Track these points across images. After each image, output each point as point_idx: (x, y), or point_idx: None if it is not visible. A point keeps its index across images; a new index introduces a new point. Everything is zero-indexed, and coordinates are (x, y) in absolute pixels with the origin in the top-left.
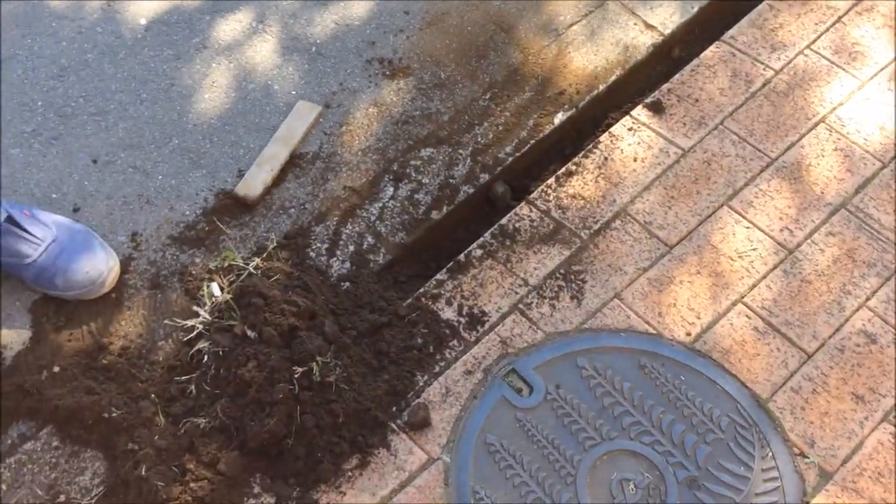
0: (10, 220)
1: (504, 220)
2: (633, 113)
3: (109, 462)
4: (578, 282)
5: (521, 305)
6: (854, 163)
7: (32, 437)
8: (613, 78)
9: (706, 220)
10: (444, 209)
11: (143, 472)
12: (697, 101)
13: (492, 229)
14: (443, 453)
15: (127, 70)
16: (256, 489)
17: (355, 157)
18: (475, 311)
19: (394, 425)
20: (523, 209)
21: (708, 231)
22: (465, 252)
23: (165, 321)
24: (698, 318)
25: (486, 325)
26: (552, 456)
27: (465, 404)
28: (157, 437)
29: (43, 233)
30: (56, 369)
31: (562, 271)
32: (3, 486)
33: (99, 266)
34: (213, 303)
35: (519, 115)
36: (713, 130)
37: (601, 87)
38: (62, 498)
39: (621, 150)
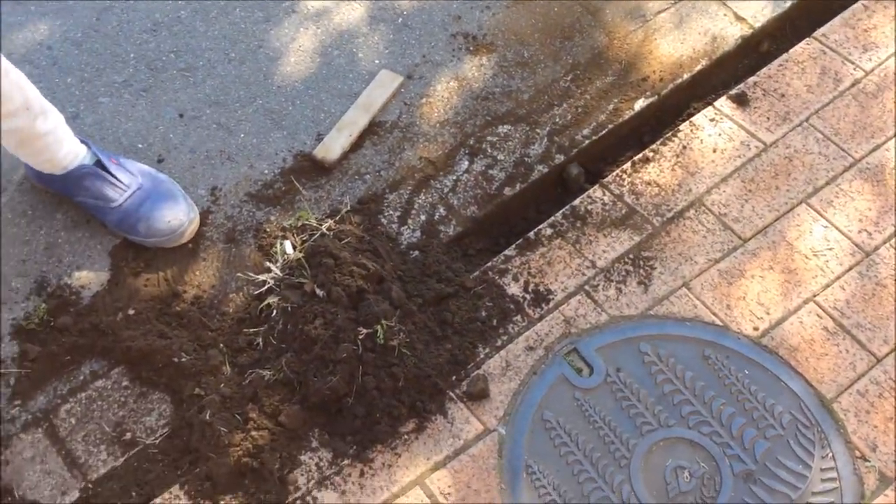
0: (99, 163)
1: (576, 202)
2: (717, 104)
3: (175, 405)
4: (647, 268)
5: (587, 287)
6: None
7: (104, 375)
8: (699, 68)
9: (783, 216)
10: (517, 187)
11: (208, 417)
12: (783, 96)
13: (563, 210)
14: (499, 425)
15: (217, 29)
16: (314, 443)
17: (433, 129)
18: (541, 288)
19: (452, 394)
20: (596, 192)
21: (784, 227)
22: (535, 230)
23: (238, 274)
24: (767, 313)
25: (551, 304)
26: (608, 438)
27: (525, 379)
28: (222, 385)
29: (129, 179)
30: (131, 312)
31: (631, 256)
32: (73, 420)
33: (180, 216)
34: (284, 260)
35: (599, 98)
36: (797, 127)
37: (685, 76)
38: (128, 436)
39: (701, 139)
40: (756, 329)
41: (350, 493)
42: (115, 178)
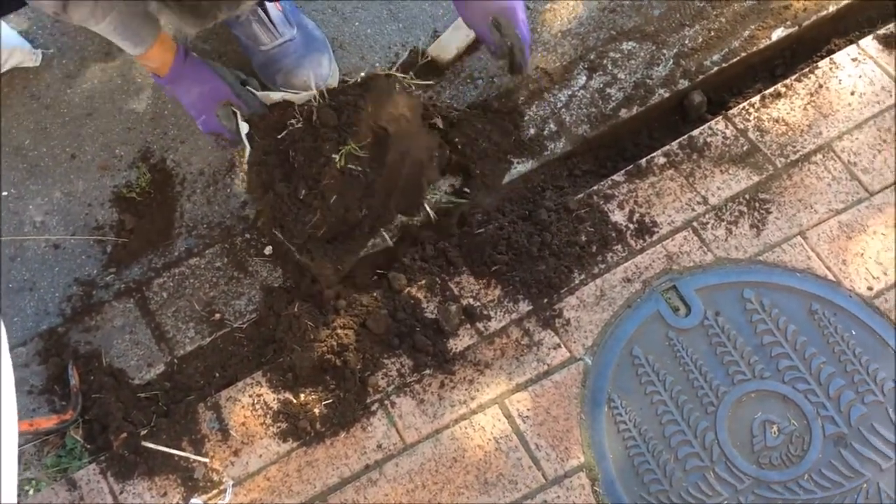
0: (262, 4)
1: (695, 132)
2: (862, 43)
3: (265, 293)
4: (762, 211)
5: (695, 223)
6: None
7: (199, 253)
8: (847, 1)
9: None
10: (634, 109)
11: (296, 310)
12: None
13: (680, 139)
14: (585, 355)
15: None
16: (399, 350)
17: (553, 38)
18: (646, 219)
19: (541, 317)
20: (719, 124)
21: None
22: (648, 158)
23: None
24: (885, 273)
25: (655, 237)
26: (697, 382)
27: (618, 311)
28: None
29: (285, 29)
30: None
31: (746, 196)
32: (165, 295)
33: (317, 80)
34: None
35: (735, 22)
36: None
37: (831, 9)
38: (217, 317)
39: (839, 80)
40: (870, 289)
41: (428, 403)
42: (273, 23)
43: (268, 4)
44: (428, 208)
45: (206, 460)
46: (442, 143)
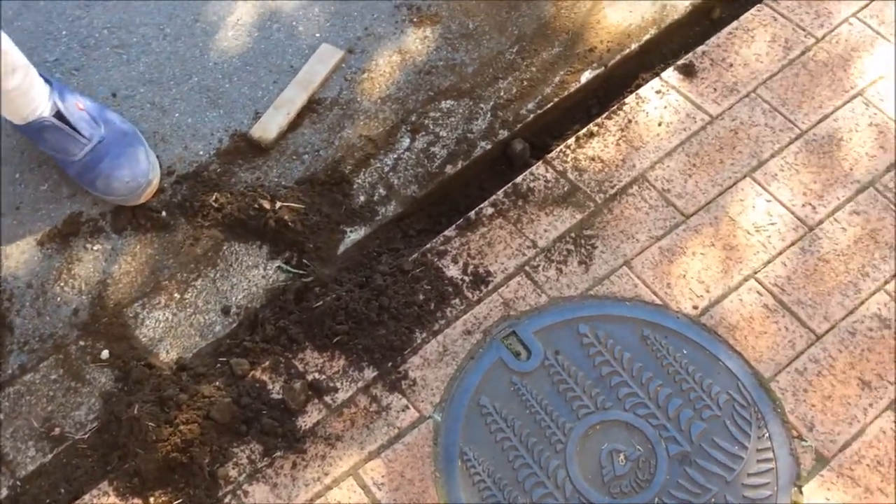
0: (59, 116)
1: (518, 179)
2: (664, 75)
3: (104, 399)
4: (588, 247)
5: (527, 267)
6: (888, 140)
7: (32, 368)
8: (647, 37)
9: (727, 190)
10: (460, 164)
11: (136, 412)
12: (731, 65)
13: (505, 188)
14: (434, 412)
15: (152, 3)
16: (247, 437)
17: (374, 106)
18: (480, 270)
19: (387, 381)
20: (539, 169)
21: (727, 202)
22: (476, 209)
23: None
24: (707, 291)
25: (490, 286)
26: (544, 422)
27: (462, 364)
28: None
29: (90, 131)
30: None
31: (572, 235)
32: (1, 416)
33: (139, 178)
34: None
35: (545, 70)
36: (744, 98)
37: (633, 46)
38: (57, 431)
39: (646, 112)
40: (696, 308)
41: (282, 486)
42: (76, 130)
43: (66, 112)
44: None
45: None
46: None
